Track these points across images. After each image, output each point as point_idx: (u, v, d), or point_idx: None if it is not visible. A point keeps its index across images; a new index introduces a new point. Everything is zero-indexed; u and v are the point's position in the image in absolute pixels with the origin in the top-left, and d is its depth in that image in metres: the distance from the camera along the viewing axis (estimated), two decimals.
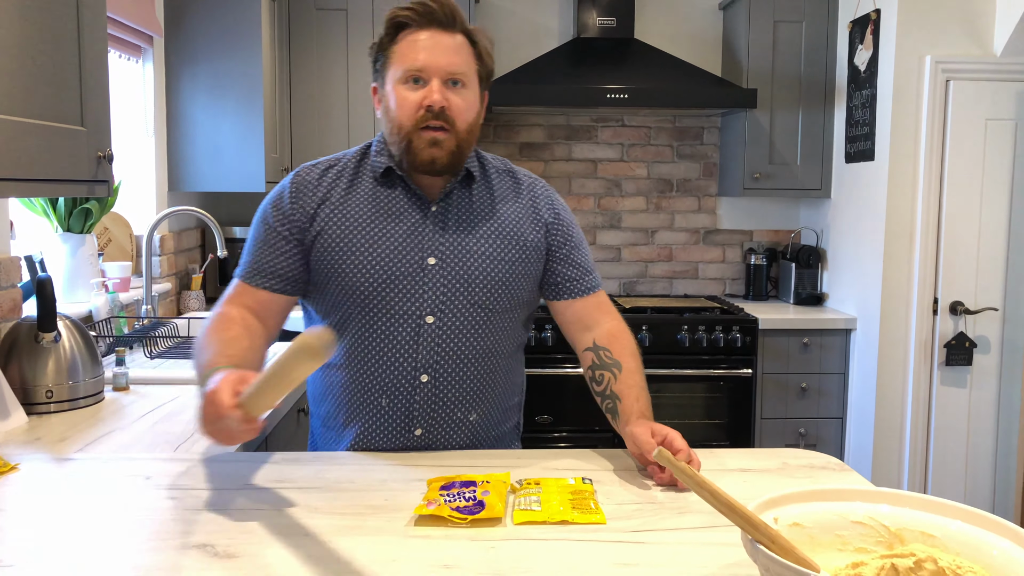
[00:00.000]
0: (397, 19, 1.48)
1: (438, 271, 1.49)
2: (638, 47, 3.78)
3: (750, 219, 4.17)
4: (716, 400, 3.55)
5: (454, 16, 1.47)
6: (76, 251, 2.51)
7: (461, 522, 1.16)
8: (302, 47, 3.57)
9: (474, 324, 1.51)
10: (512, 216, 1.57)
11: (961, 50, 3.28)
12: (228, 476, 1.35)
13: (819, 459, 1.49)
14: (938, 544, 0.96)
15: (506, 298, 1.53)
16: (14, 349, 1.82)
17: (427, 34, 1.46)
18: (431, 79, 1.45)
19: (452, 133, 1.46)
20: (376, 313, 1.49)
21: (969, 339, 3.35)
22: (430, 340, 1.49)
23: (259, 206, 1.56)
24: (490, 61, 1.53)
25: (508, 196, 1.59)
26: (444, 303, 1.49)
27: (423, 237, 1.50)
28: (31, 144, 1.47)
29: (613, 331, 1.58)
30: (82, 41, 1.64)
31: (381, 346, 1.50)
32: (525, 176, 1.64)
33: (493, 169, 1.62)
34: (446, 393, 1.51)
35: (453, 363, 1.51)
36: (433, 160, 1.47)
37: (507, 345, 1.58)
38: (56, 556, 1.06)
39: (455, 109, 1.46)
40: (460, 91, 1.47)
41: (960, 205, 3.32)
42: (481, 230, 1.53)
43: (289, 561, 1.05)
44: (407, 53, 1.46)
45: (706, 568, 1.05)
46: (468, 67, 1.48)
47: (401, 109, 1.46)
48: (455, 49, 1.46)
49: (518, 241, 1.55)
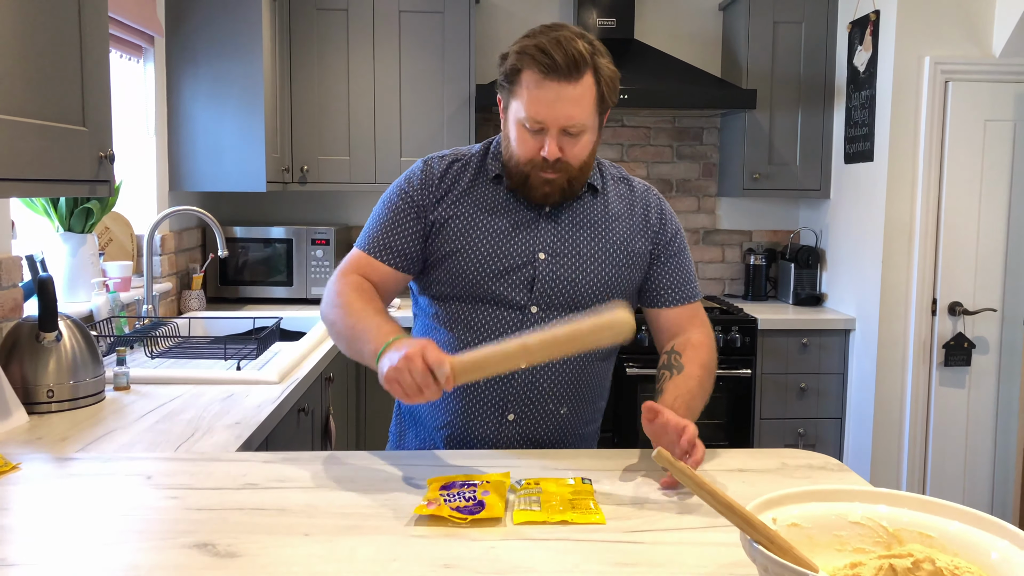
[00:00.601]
0: (520, 65, 1.46)
1: (547, 265, 1.56)
2: (638, 48, 3.79)
3: (749, 219, 4.18)
4: (715, 400, 3.49)
5: (577, 64, 1.44)
6: (77, 251, 2.52)
7: (461, 522, 1.17)
8: (303, 47, 3.57)
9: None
10: (623, 223, 1.62)
11: (960, 51, 3.29)
12: (229, 476, 1.36)
13: (818, 459, 1.50)
14: (936, 545, 0.96)
15: (607, 300, 1.57)
16: (15, 349, 1.83)
17: (550, 86, 1.44)
18: (550, 129, 1.48)
19: (565, 173, 1.52)
20: (484, 299, 1.56)
21: (968, 340, 3.35)
22: (533, 329, 1.51)
23: (387, 189, 1.65)
24: (612, 96, 1.52)
25: (623, 204, 1.64)
26: (549, 296, 1.55)
27: (536, 233, 1.57)
28: (32, 144, 1.47)
29: (694, 340, 1.62)
30: (83, 41, 1.64)
31: (487, 329, 1.56)
32: (639, 184, 1.69)
33: (610, 176, 1.67)
34: (541, 384, 1.57)
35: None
36: (546, 196, 1.55)
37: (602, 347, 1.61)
38: (57, 555, 1.06)
39: (570, 155, 1.51)
40: (577, 138, 1.50)
41: (959, 206, 3.32)
42: (591, 233, 1.60)
43: (289, 561, 1.05)
44: (528, 102, 1.47)
45: (705, 568, 1.05)
46: (587, 113, 1.48)
47: (520, 148, 1.52)
48: (576, 100, 1.46)
49: (626, 248, 1.61)
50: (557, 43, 1.43)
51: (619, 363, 3.42)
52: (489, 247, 1.56)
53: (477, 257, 1.55)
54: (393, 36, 3.59)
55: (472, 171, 1.62)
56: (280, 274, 3.67)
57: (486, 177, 1.61)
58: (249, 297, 3.68)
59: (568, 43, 1.43)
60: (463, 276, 1.56)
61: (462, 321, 1.58)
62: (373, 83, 3.60)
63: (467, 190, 1.60)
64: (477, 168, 1.62)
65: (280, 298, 3.67)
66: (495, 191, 1.60)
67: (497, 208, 1.58)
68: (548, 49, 1.43)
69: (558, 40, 1.43)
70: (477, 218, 1.57)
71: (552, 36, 1.44)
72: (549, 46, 1.43)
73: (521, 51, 1.46)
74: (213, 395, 2.01)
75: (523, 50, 1.46)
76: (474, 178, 1.61)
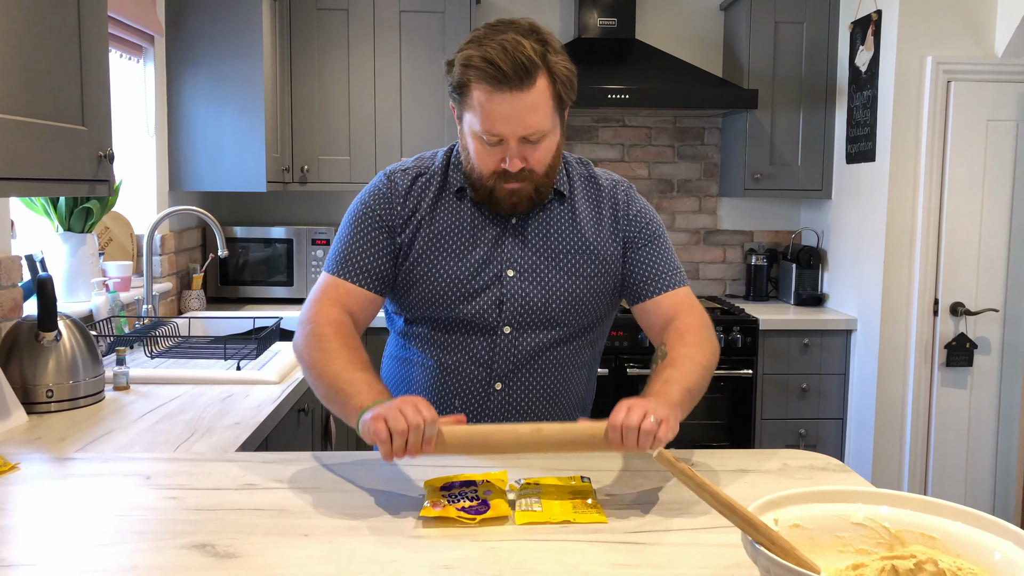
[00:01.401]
0: (467, 78, 1.37)
1: (516, 283, 1.50)
2: (639, 48, 3.78)
3: (751, 220, 4.17)
4: (716, 400, 3.55)
5: (528, 69, 1.34)
6: (77, 250, 2.51)
7: (470, 522, 1.16)
8: (303, 47, 3.57)
9: (550, 336, 1.52)
10: (592, 229, 1.55)
11: (962, 51, 3.28)
12: (228, 476, 1.35)
13: (819, 460, 1.49)
14: (939, 546, 0.95)
15: (583, 312, 1.54)
16: (15, 348, 1.82)
17: (501, 98, 1.36)
18: (509, 140, 1.40)
19: (531, 181, 1.46)
20: (455, 322, 1.51)
21: (970, 340, 3.34)
22: (506, 350, 1.51)
23: (349, 207, 1.57)
24: (570, 93, 1.43)
25: (590, 206, 1.57)
26: (521, 315, 1.50)
27: (503, 249, 1.51)
28: (32, 143, 1.47)
29: (680, 326, 1.49)
30: (83, 40, 1.64)
31: (458, 354, 1.52)
32: (606, 180, 1.60)
33: (577, 176, 1.59)
34: (519, 401, 1.54)
35: (528, 373, 1.53)
36: (513, 207, 1.49)
37: (582, 356, 1.59)
38: (56, 555, 1.06)
39: (533, 162, 1.44)
40: (539, 144, 1.42)
41: (961, 206, 3.31)
42: (561, 243, 1.53)
43: (289, 561, 1.05)
44: (482, 117, 1.38)
45: (706, 569, 1.05)
46: (546, 118, 1.40)
47: (480, 162, 1.45)
48: (532, 107, 1.37)
49: (597, 256, 1.54)
50: (503, 50, 1.33)
51: (620, 363, 3.42)
52: (456, 270, 1.50)
53: (444, 281, 1.50)
54: (394, 36, 3.59)
55: (436, 186, 1.54)
56: (280, 274, 3.67)
57: (450, 191, 1.54)
58: (249, 297, 3.68)
59: (515, 48, 1.33)
60: (431, 301, 1.51)
61: (434, 343, 1.54)
62: (374, 83, 3.60)
63: (432, 208, 1.52)
64: (441, 183, 1.54)
65: (280, 298, 3.66)
66: (459, 207, 1.53)
67: (462, 226, 1.52)
68: (494, 59, 1.33)
69: (503, 47, 1.33)
70: (442, 240, 1.51)
71: (497, 42, 1.34)
72: (495, 55, 1.33)
73: (467, 64, 1.36)
74: (213, 395, 2.01)
75: (468, 62, 1.36)
76: (438, 194, 1.54)
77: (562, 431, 1.25)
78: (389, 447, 1.18)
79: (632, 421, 1.19)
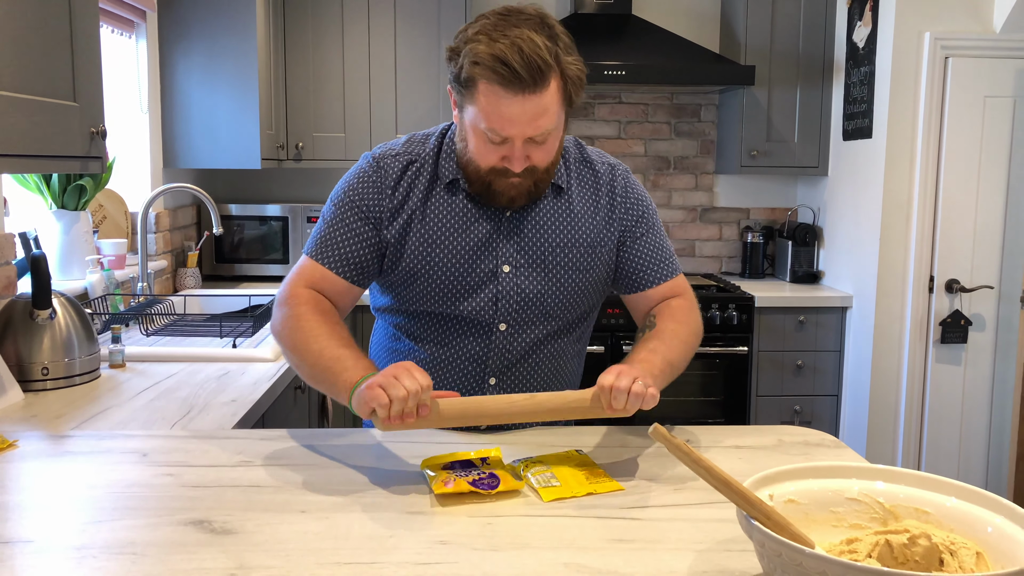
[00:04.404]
0: (475, 75, 1.31)
1: (511, 279, 1.48)
2: (636, 23, 3.75)
3: (747, 197, 4.16)
4: (712, 377, 3.56)
5: (542, 71, 1.29)
6: (70, 228, 2.50)
7: (487, 496, 1.17)
8: (297, 22, 3.53)
9: (545, 331, 1.52)
10: (589, 220, 1.52)
11: (960, 26, 3.26)
12: (225, 453, 1.35)
13: (814, 436, 1.50)
14: (932, 520, 0.96)
15: (579, 305, 1.53)
16: (9, 326, 1.82)
17: (512, 100, 1.30)
18: (514, 140, 1.36)
19: (531, 176, 1.41)
20: (450, 318, 1.49)
21: (964, 317, 3.35)
22: (501, 347, 1.50)
23: (335, 187, 1.52)
24: (579, 93, 1.38)
25: (587, 195, 1.53)
26: (517, 311, 1.48)
27: (498, 244, 1.48)
28: (22, 119, 1.45)
29: (675, 304, 1.52)
30: (73, 15, 1.62)
31: (452, 349, 1.51)
32: (603, 166, 1.56)
33: (573, 162, 1.54)
34: (512, 390, 1.53)
35: (522, 368, 1.53)
36: (511, 200, 1.44)
37: (574, 347, 1.59)
38: (54, 532, 1.06)
39: (536, 159, 1.40)
40: (544, 143, 1.38)
41: (957, 183, 3.31)
42: (556, 238, 1.49)
43: (286, 538, 1.05)
44: (488, 116, 1.33)
45: (701, 544, 1.05)
46: (554, 119, 1.35)
47: (480, 157, 1.40)
48: (542, 110, 1.32)
49: (593, 248, 1.51)
50: (518, 51, 1.27)
51: (616, 340, 3.42)
52: (450, 266, 1.46)
53: (440, 278, 1.46)
54: (388, 11, 3.55)
55: (427, 176, 1.48)
56: (276, 252, 3.66)
57: (442, 183, 1.48)
58: (245, 275, 3.67)
59: (532, 50, 1.27)
60: (424, 297, 1.48)
61: (427, 337, 1.52)
62: (368, 59, 3.57)
63: (423, 201, 1.47)
64: (433, 171, 1.49)
65: (276, 276, 3.65)
66: (451, 199, 1.48)
67: (456, 220, 1.47)
68: (508, 59, 1.27)
69: (518, 46, 1.27)
70: (436, 235, 1.46)
71: (511, 39, 1.27)
72: (508, 54, 1.26)
73: (476, 60, 1.29)
74: (209, 373, 2.01)
75: (478, 59, 1.29)
76: (429, 185, 1.48)
77: (555, 396, 1.30)
78: (388, 412, 1.17)
79: (622, 384, 1.24)
